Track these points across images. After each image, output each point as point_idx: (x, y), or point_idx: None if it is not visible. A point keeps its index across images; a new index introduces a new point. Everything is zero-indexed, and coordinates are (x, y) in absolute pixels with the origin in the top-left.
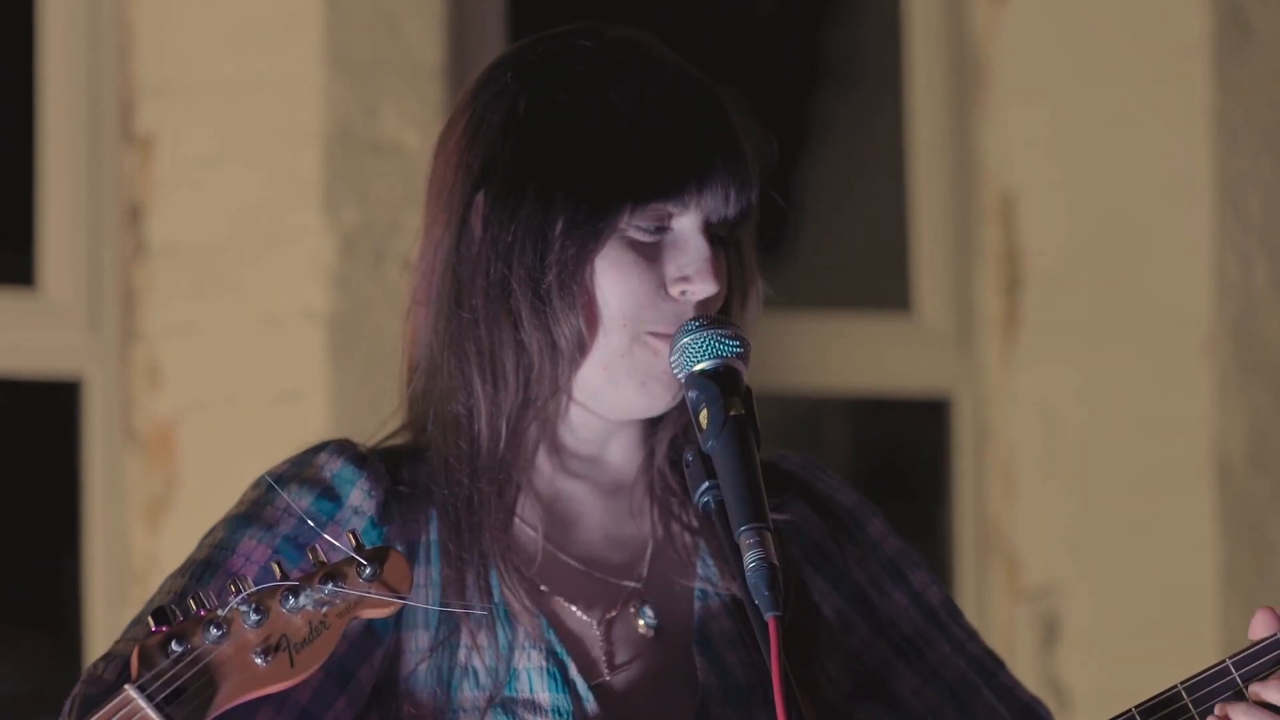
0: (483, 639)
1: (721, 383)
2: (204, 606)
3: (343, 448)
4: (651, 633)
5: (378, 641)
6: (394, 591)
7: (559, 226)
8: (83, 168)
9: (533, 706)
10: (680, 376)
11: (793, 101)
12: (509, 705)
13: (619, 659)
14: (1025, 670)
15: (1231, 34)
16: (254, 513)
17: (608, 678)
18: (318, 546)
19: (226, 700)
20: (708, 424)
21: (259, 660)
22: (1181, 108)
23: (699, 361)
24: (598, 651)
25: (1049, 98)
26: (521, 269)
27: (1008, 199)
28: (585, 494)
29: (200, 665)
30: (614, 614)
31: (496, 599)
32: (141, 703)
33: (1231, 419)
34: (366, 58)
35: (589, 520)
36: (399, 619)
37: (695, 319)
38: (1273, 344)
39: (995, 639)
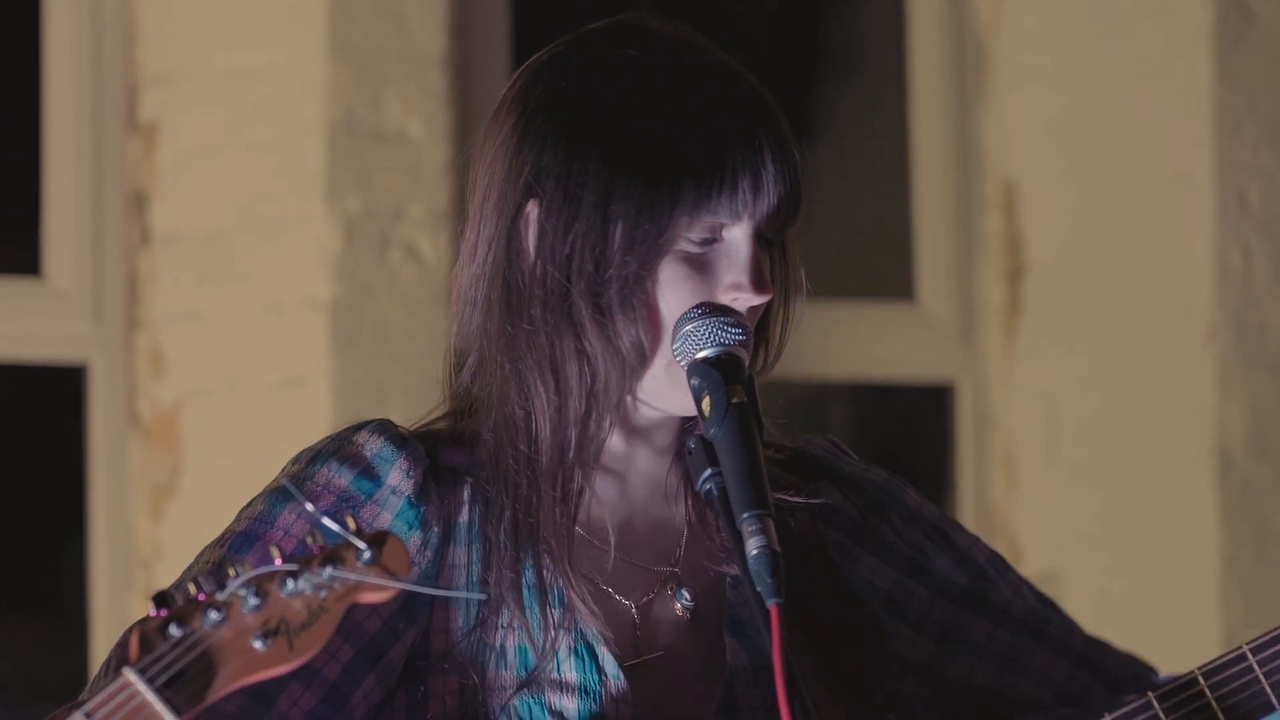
0: (517, 620)
1: (724, 370)
2: (204, 590)
3: (383, 428)
4: (688, 615)
5: (412, 620)
6: (392, 575)
7: (617, 241)
8: (87, 157)
9: (561, 686)
10: (683, 364)
11: (795, 91)
12: (538, 685)
13: (655, 641)
14: None
15: (1233, 23)
16: (293, 487)
17: (641, 659)
18: (316, 531)
19: (225, 684)
20: (710, 411)
21: (258, 644)
22: (1183, 97)
23: (701, 349)
24: (633, 633)
25: (1051, 87)
26: (581, 281)
27: (1010, 188)
28: (623, 483)
29: (199, 649)
30: (651, 597)
31: (540, 583)
32: (141, 687)
33: (1232, 409)
34: (370, 47)
35: (627, 509)
36: (435, 598)
37: (697, 306)
38: (1273, 334)
39: None
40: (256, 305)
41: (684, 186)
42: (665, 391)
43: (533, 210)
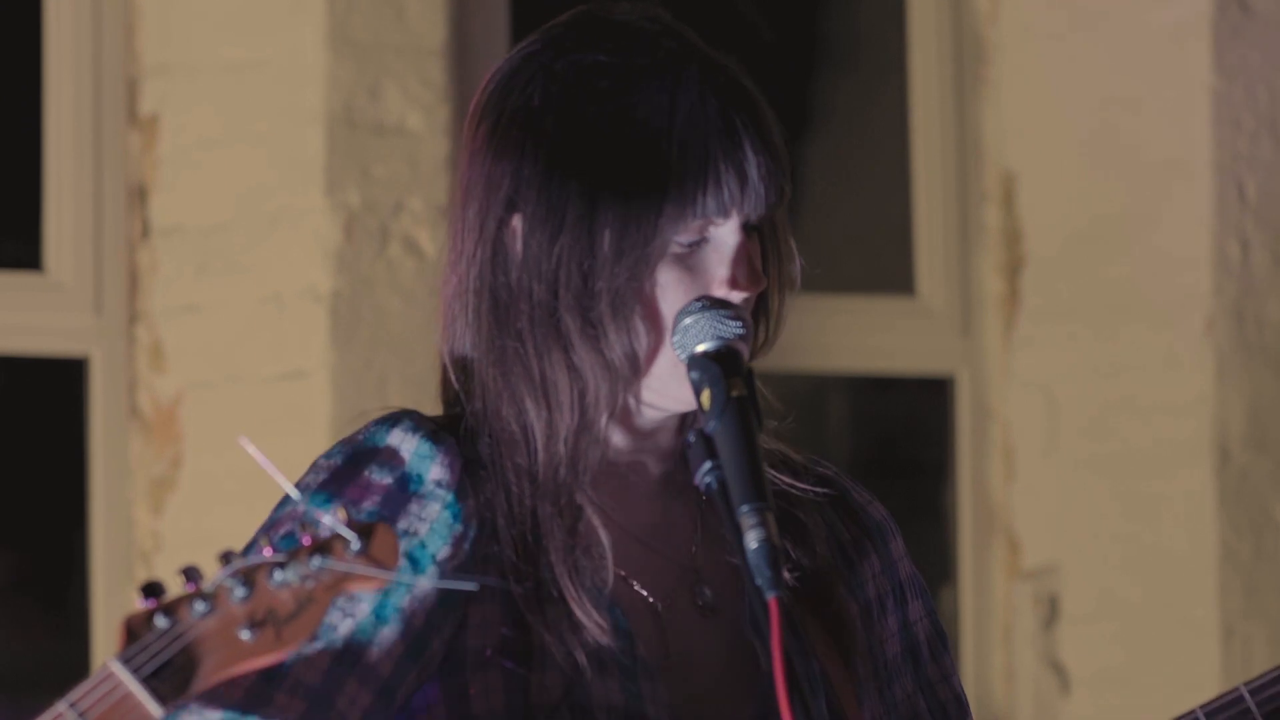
0: (553, 617)
1: (723, 363)
2: (192, 581)
3: (416, 425)
4: (709, 612)
5: (450, 612)
6: (381, 566)
7: (604, 252)
8: (87, 150)
9: (604, 687)
10: (682, 358)
11: (795, 84)
12: (581, 686)
13: (682, 639)
14: (1025, 650)
15: (1231, 14)
16: (342, 476)
17: (673, 657)
18: (306, 522)
19: (211, 675)
20: (710, 405)
21: (245, 635)
22: (1181, 89)
23: (701, 342)
24: (663, 632)
25: (1050, 80)
26: (569, 295)
27: (1008, 180)
28: (639, 480)
29: (186, 641)
30: (675, 593)
31: (560, 589)
32: (125, 677)
33: (1230, 400)
34: (370, 39)
35: (645, 503)
36: (468, 593)
37: (697, 300)
38: (1271, 325)
39: (995, 619)
40: (256, 298)
41: (669, 191)
42: (669, 390)
43: (517, 224)
